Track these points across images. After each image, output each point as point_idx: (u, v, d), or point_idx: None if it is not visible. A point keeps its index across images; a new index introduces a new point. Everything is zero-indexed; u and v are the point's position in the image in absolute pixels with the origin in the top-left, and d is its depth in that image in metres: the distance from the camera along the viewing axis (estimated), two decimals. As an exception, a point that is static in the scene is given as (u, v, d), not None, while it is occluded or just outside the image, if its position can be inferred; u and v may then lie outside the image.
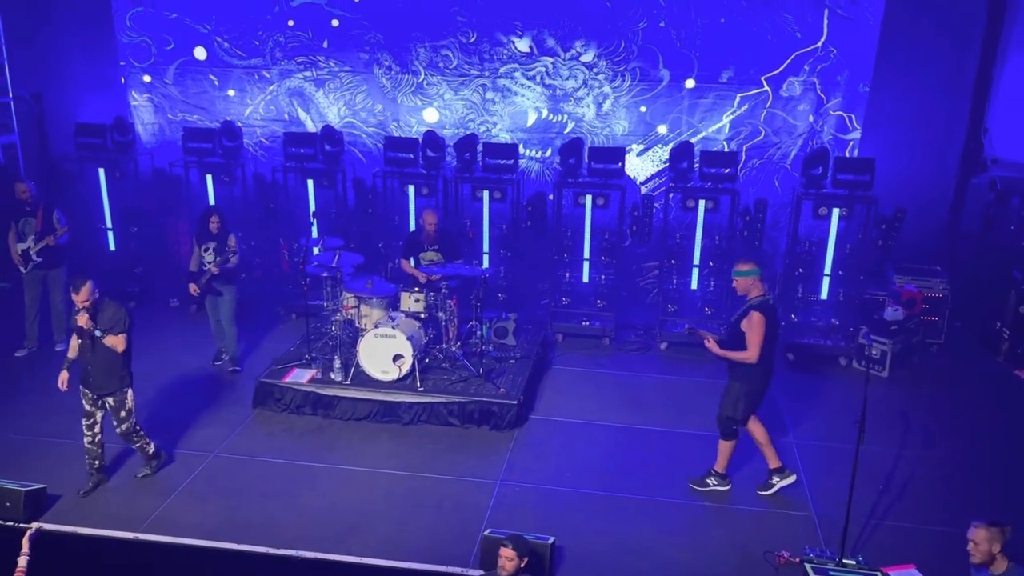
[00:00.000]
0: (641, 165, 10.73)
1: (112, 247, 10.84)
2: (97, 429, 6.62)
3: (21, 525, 6.13)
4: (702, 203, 9.65)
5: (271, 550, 6.02)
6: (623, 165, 9.78)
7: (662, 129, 10.57)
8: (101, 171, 10.55)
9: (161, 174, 10.83)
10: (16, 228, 8.90)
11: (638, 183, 10.74)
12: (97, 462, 6.70)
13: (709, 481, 6.93)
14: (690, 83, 10.33)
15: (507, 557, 5.18)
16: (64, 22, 11.40)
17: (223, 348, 9.07)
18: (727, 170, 9.53)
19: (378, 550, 6.04)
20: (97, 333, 6.32)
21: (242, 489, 6.81)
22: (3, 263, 10.06)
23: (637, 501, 6.77)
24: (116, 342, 6.39)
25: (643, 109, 10.53)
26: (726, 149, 10.36)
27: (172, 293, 10.70)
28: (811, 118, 10.28)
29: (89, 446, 6.65)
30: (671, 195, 10.01)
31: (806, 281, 9.69)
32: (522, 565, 5.19)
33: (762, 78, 10.20)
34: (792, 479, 6.86)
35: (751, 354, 6.39)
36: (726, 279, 10.05)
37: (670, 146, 10.30)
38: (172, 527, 6.25)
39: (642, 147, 10.68)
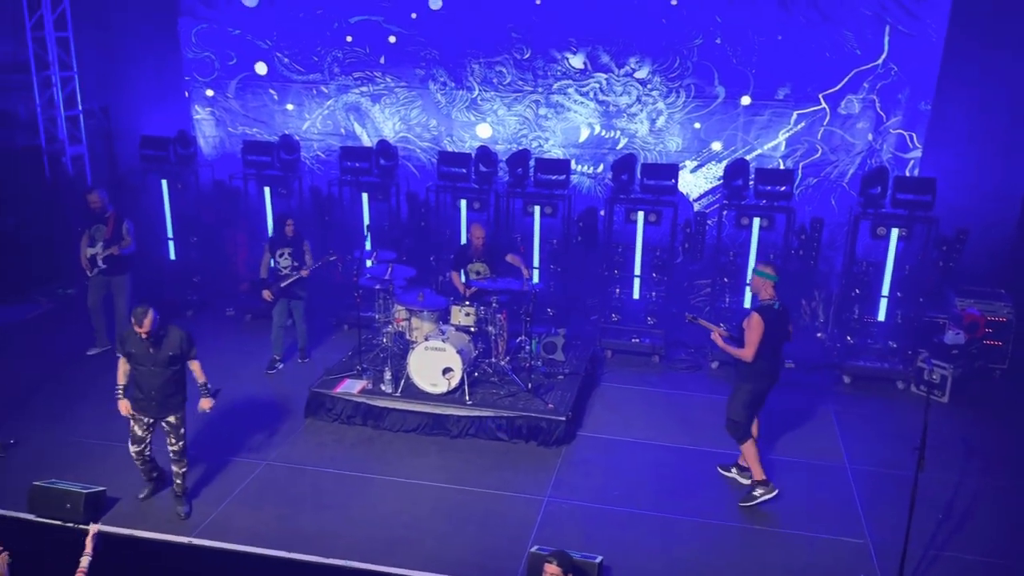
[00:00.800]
0: (694, 182, 10.65)
1: (173, 256, 11.14)
2: (148, 452, 6.60)
3: (81, 526, 6.31)
4: (756, 221, 9.53)
5: (321, 559, 6.09)
6: (676, 182, 9.72)
7: (716, 146, 10.49)
8: (164, 182, 10.86)
9: (221, 186, 11.10)
10: (89, 233, 9.22)
11: (691, 200, 10.66)
12: (154, 472, 6.79)
13: (756, 493, 6.88)
14: (746, 100, 10.24)
15: (551, 573, 5.17)
16: (133, 38, 11.81)
17: (278, 357, 9.28)
18: (782, 188, 9.41)
19: (425, 563, 6.06)
20: (208, 390, 6.59)
21: (294, 498, 6.90)
22: (71, 268, 10.44)
23: (687, 522, 6.68)
24: (197, 367, 6.54)
25: (697, 126, 10.46)
26: (782, 167, 10.24)
27: (228, 303, 10.93)
28: (870, 136, 10.10)
29: (142, 466, 6.68)
30: (725, 212, 9.92)
31: (863, 302, 9.49)
32: None
33: (820, 95, 10.06)
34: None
35: (746, 352, 6.65)
36: (781, 297, 9.89)
37: (724, 163, 10.22)
38: (225, 533, 6.37)
39: (696, 164, 10.61)
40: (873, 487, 7.22)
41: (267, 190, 10.76)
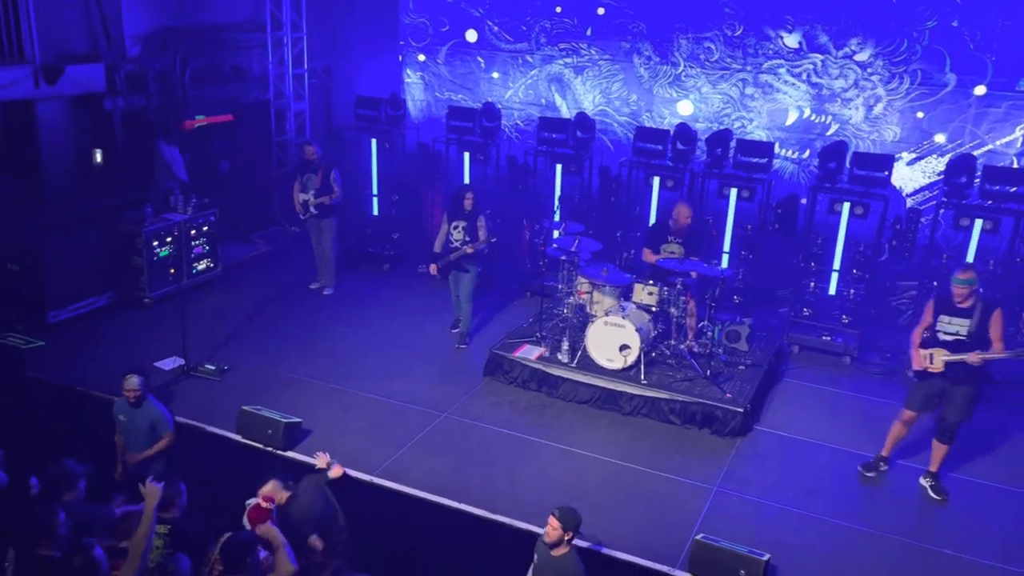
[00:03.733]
0: (910, 175, 9.88)
1: (375, 212, 11.79)
2: None
3: (279, 452, 6.91)
4: (979, 223, 8.71)
5: (487, 514, 6.32)
6: (889, 174, 9.05)
7: (940, 138, 9.66)
8: (373, 141, 11.49)
9: (424, 149, 11.59)
10: (301, 181, 10.05)
11: (904, 194, 9.91)
12: None
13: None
14: (980, 90, 9.33)
15: (551, 526, 5.16)
16: (356, 3, 12.50)
17: (461, 317, 9.52)
18: (1014, 188, 8.52)
19: (586, 534, 6.11)
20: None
21: (466, 451, 7.18)
22: (288, 213, 11.38)
23: (864, 533, 6.32)
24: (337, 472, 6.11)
25: (920, 115, 9.68)
26: (1016, 165, 9.27)
27: (421, 259, 11.42)
28: None
29: None
30: (942, 211, 9.13)
31: (1098, 323, 8.46)
32: (566, 537, 5.12)
33: (1072, 88, 9.00)
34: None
35: (1002, 346, 6.42)
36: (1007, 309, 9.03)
37: (947, 157, 9.40)
38: (403, 475, 6.75)
39: (913, 156, 9.83)
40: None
41: (467, 155, 11.11)
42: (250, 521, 5.41)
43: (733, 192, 9.72)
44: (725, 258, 9.92)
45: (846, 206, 9.13)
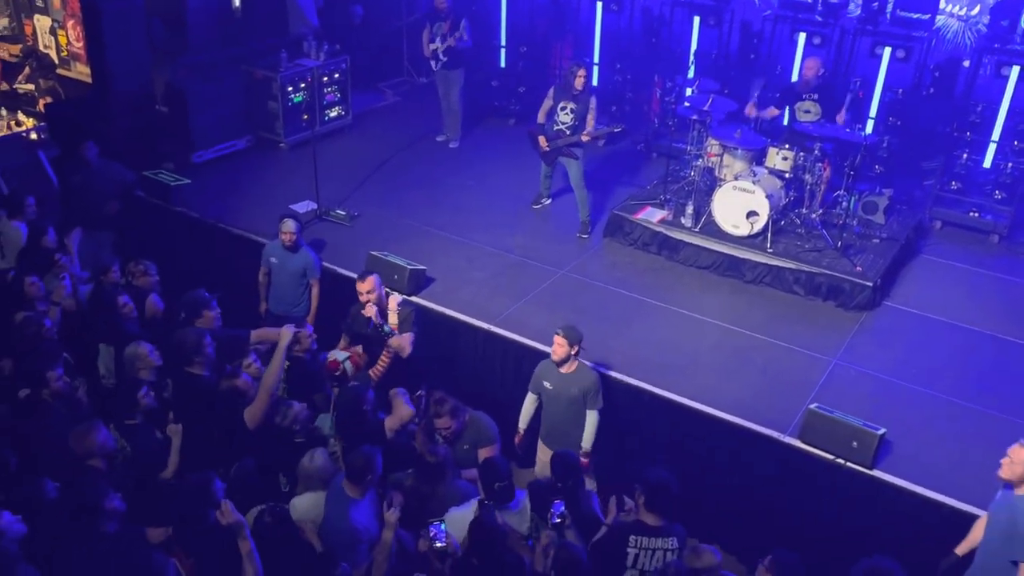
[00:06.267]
0: (1098, 37, 8.78)
1: (502, 64, 11.57)
2: None
3: (413, 299, 7.18)
4: None
5: (600, 369, 6.45)
6: (1073, 34, 8.09)
7: None
8: (501, -12, 11.12)
9: (555, -2, 11.14)
10: (431, 29, 9.93)
11: (1087, 59, 8.84)
12: None
13: None
14: None
15: (559, 343, 5.62)
16: None
17: (545, 193, 8.91)
18: None
19: (697, 394, 6.20)
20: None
21: (581, 307, 7.26)
22: (417, 62, 11.41)
23: (989, 416, 6.11)
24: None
25: (1121, -35, 8.47)
26: None
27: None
28: None
29: None
30: None
31: None
32: (572, 352, 5.64)
33: None
34: None
35: None
36: None
37: None
38: (518, 326, 6.94)
39: (1106, 14, 8.69)
40: None
41: (599, 5, 10.61)
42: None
43: (887, 51, 8.94)
44: (870, 124, 9.26)
45: (1015, 70, 8.26)
